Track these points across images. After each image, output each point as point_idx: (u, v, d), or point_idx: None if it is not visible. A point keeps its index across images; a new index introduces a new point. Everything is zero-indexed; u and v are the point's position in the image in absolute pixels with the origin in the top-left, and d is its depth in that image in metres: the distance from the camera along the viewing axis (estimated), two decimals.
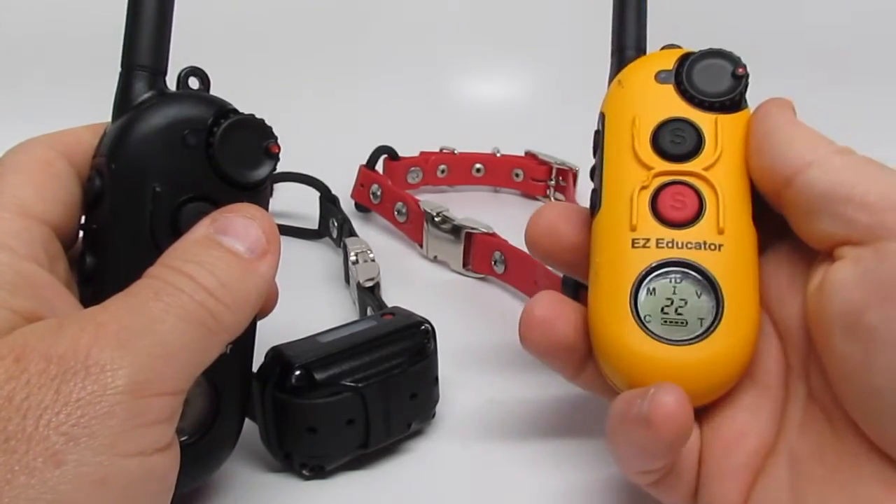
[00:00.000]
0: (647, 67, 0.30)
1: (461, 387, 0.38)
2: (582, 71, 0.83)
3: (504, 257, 0.48)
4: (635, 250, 0.28)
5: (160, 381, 0.23)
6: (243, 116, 0.28)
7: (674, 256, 0.28)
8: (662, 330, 0.28)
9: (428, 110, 0.77)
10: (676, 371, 0.27)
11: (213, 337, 0.25)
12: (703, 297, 0.28)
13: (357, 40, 0.81)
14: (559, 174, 0.61)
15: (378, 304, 0.42)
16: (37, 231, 0.26)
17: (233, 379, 0.30)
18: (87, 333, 0.22)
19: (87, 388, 0.21)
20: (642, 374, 0.27)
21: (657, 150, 0.29)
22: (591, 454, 0.34)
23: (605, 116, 0.31)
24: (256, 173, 0.29)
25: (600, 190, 0.30)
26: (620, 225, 0.29)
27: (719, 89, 0.29)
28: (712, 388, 0.28)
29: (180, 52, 0.29)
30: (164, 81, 0.28)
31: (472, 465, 0.34)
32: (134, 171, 0.27)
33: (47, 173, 0.27)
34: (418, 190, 0.62)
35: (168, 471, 0.24)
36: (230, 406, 0.30)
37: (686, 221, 0.28)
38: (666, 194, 0.29)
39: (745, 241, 0.28)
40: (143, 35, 0.28)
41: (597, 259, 0.29)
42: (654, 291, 0.28)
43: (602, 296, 0.29)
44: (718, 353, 0.27)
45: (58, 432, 0.21)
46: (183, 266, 0.25)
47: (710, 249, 0.28)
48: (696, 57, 0.30)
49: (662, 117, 0.29)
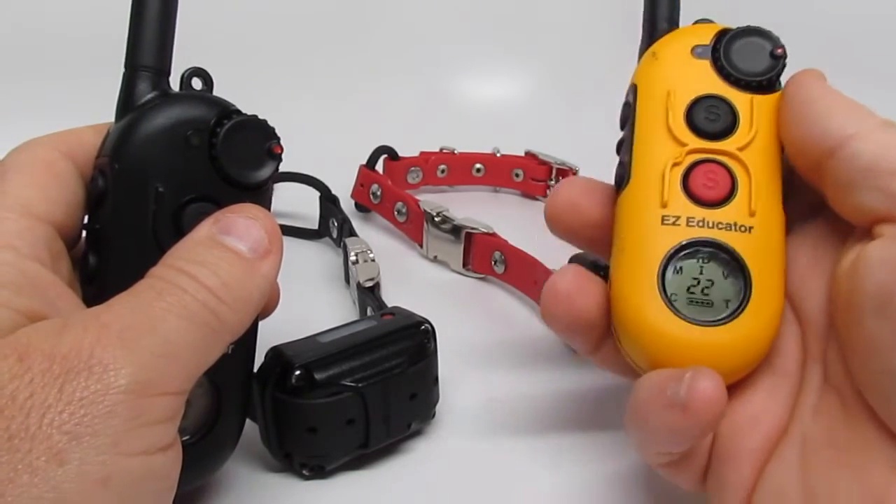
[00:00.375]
0: (684, 41, 0.30)
1: (461, 387, 0.38)
2: (582, 71, 0.84)
3: (504, 257, 0.48)
4: (665, 227, 0.28)
5: (162, 380, 0.23)
6: (246, 117, 0.28)
7: (703, 236, 0.28)
8: (689, 310, 0.27)
9: (428, 110, 0.78)
10: (701, 352, 0.27)
11: (215, 337, 0.25)
12: (730, 279, 0.27)
13: (357, 41, 0.81)
14: (559, 174, 0.61)
15: (378, 304, 0.42)
16: (40, 231, 0.26)
17: (234, 379, 0.30)
18: (91, 333, 0.22)
19: (90, 388, 0.21)
20: (667, 354, 0.27)
21: (691, 126, 0.29)
22: (592, 453, 0.34)
23: (636, 88, 0.30)
24: (259, 174, 0.29)
25: (629, 164, 0.29)
26: (650, 201, 0.28)
27: (757, 68, 0.29)
28: (734, 371, 0.27)
29: (183, 53, 0.29)
30: (168, 82, 0.29)
31: (472, 465, 0.34)
32: (137, 171, 0.27)
33: (50, 173, 0.27)
34: (418, 190, 0.62)
35: (170, 470, 0.24)
36: (232, 406, 0.30)
37: (717, 201, 0.28)
38: (698, 172, 0.28)
39: (774, 224, 0.28)
40: (146, 36, 0.28)
41: (623, 234, 0.29)
42: (682, 270, 0.27)
43: (628, 272, 0.28)
44: (743, 335, 0.27)
45: (61, 431, 0.21)
46: (186, 266, 0.25)
47: (740, 231, 0.28)
48: (735, 34, 0.29)
49: (698, 93, 0.29)
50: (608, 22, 0.85)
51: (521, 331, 0.45)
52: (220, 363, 0.26)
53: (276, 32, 0.79)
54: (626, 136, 0.30)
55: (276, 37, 0.79)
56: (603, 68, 0.86)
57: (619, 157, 0.30)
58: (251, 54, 0.77)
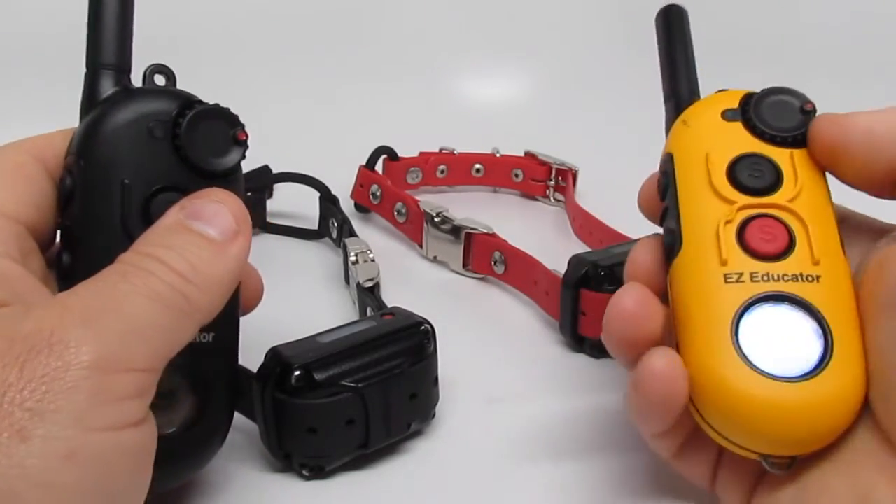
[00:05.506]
0: (712, 107, 0.30)
1: (461, 387, 0.38)
2: (582, 71, 0.84)
3: (504, 257, 0.48)
4: (729, 285, 0.27)
5: (128, 357, 0.23)
6: (209, 106, 0.29)
7: (772, 289, 0.26)
8: (770, 366, 0.25)
9: (428, 110, 0.78)
10: (791, 410, 0.25)
11: (184, 318, 0.25)
12: (809, 331, 0.26)
13: (357, 41, 0.82)
14: (559, 174, 0.61)
15: (378, 304, 0.42)
16: (10, 229, 0.27)
17: (218, 370, 0.30)
18: (52, 314, 0.23)
19: (51, 365, 0.22)
20: (753, 416, 0.25)
21: (735, 184, 0.28)
22: (592, 453, 0.34)
23: (672, 157, 0.30)
24: (225, 161, 0.29)
25: (678, 230, 0.28)
26: (709, 261, 0.27)
27: (791, 124, 0.29)
28: (829, 430, 0.25)
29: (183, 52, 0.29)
30: (129, 79, 0.29)
31: (472, 465, 0.34)
32: (102, 165, 0.27)
33: (20, 175, 0.28)
34: (418, 190, 0.62)
35: (142, 448, 0.24)
36: (217, 399, 0.30)
37: (778, 254, 0.27)
38: (753, 228, 0.28)
39: (841, 270, 0.27)
40: (105, 35, 0.28)
41: (685, 301, 0.27)
42: (755, 327, 0.26)
43: (699, 336, 0.26)
44: (834, 389, 0.25)
45: (22, 408, 0.21)
46: (153, 250, 0.25)
47: (807, 281, 0.27)
48: (762, 95, 0.30)
49: (736, 153, 0.29)
50: (608, 23, 0.85)
51: (521, 331, 0.45)
52: (201, 355, 0.26)
53: (277, 33, 0.80)
54: (670, 204, 0.29)
55: (277, 37, 0.79)
56: (603, 69, 0.86)
57: (665, 226, 0.30)
58: (251, 55, 0.77)
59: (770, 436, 0.25)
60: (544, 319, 0.45)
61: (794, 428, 0.25)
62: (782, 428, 0.25)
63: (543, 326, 0.45)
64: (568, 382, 0.40)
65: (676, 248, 0.28)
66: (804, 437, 0.25)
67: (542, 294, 0.45)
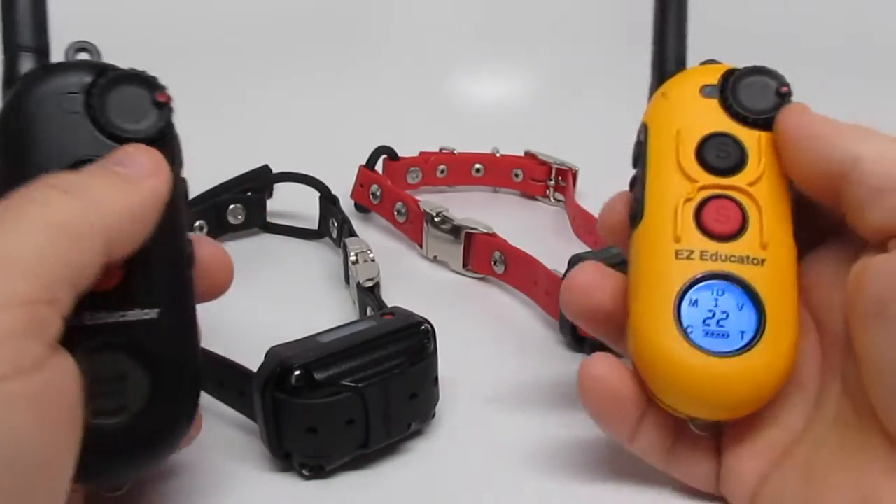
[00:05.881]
0: (692, 81, 0.31)
1: (461, 387, 0.38)
2: (582, 71, 0.84)
3: (504, 257, 0.48)
4: (679, 261, 0.29)
5: (4, 290, 0.21)
6: (123, 71, 0.28)
7: (717, 269, 0.28)
8: (705, 341, 0.28)
9: (428, 110, 0.78)
10: (719, 382, 0.28)
11: (81, 243, 0.23)
12: (745, 310, 0.28)
13: (357, 40, 0.82)
14: (559, 174, 0.61)
15: (378, 304, 0.42)
16: None
17: (170, 349, 0.28)
18: None
19: None
20: (684, 384, 0.28)
21: (702, 163, 0.30)
22: (592, 453, 0.34)
23: (647, 127, 0.31)
24: (145, 125, 0.27)
25: (643, 200, 0.30)
26: (664, 236, 0.29)
27: (763, 106, 0.30)
28: (753, 400, 0.28)
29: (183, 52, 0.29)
30: (49, 60, 0.28)
31: (472, 465, 0.34)
32: (19, 145, 0.27)
33: None
34: (418, 190, 0.62)
35: (44, 399, 0.21)
36: (173, 379, 0.28)
37: (730, 235, 0.29)
38: (710, 207, 0.29)
39: (786, 256, 0.29)
40: (21, 17, 0.28)
41: (638, 269, 0.30)
42: (697, 303, 0.28)
43: (645, 306, 0.29)
44: (760, 365, 0.28)
45: None
46: (56, 182, 0.24)
47: (753, 264, 0.28)
48: (741, 73, 0.30)
49: (707, 131, 0.30)
50: (608, 22, 0.85)
51: (521, 331, 0.45)
52: (145, 332, 0.25)
53: (276, 32, 0.80)
54: (639, 174, 0.31)
55: (277, 37, 0.79)
56: (603, 68, 0.86)
57: (633, 195, 0.31)
58: (251, 55, 0.77)
59: (699, 403, 0.28)
60: (544, 319, 0.45)
61: (721, 398, 0.28)
62: (711, 397, 0.28)
63: (543, 326, 0.45)
64: (568, 382, 0.40)
65: (638, 217, 0.30)
66: (730, 406, 0.28)
67: (542, 294, 0.45)
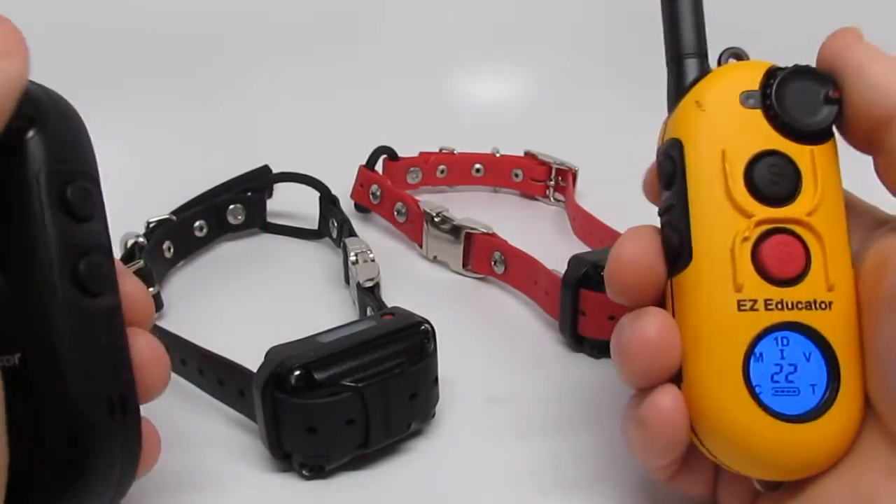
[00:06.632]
0: (729, 86, 0.27)
1: (461, 387, 0.38)
2: (582, 71, 0.84)
3: (504, 257, 0.48)
4: (742, 314, 0.25)
5: None
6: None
7: (786, 319, 0.25)
8: (776, 402, 0.25)
9: (428, 110, 0.78)
10: (794, 448, 0.25)
11: None
12: (813, 360, 0.25)
13: (357, 40, 0.81)
14: (558, 174, 0.61)
15: (378, 304, 0.42)
16: None
17: (47, 403, 0.23)
18: None
19: None
20: (756, 451, 0.25)
21: (753, 190, 0.26)
22: (592, 454, 0.34)
23: (682, 145, 0.27)
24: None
25: (687, 237, 0.26)
26: (722, 284, 0.25)
27: (814, 117, 0.26)
28: (827, 461, 0.26)
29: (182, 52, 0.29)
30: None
31: (471, 465, 0.34)
32: None
33: None
34: (418, 190, 0.62)
35: None
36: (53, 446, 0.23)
37: (793, 277, 0.25)
38: (769, 246, 0.25)
39: (851, 294, 0.26)
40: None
41: (695, 323, 0.26)
42: (762, 357, 0.25)
43: (709, 368, 0.25)
44: (837, 430, 0.25)
45: None
46: None
47: (820, 308, 0.25)
48: (785, 77, 0.26)
49: (754, 150, 0.26)
50: (608, 22, 0.85)
51: (521, 331, 0.45)
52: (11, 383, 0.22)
53: (277, 32, 0.79)
54: (676, 202, 0.27)
55: (277, 37, 0.79)
56: (603, 69, 0.86)
57: (667, 221, 0.27)
58: (251, 54, 0.77)
59: (767, 466, 0.26)
60: (544, 319, 0.45)
61: (790, 461, 0.25)
62: (780, 461, 0.25)
63: (543, 326, 0.45)
64: (568, 382, 0.40)
65: (684, 258, 0.26)
66: (798, 468, 0.25)
67: (542, 294, 0.45)
